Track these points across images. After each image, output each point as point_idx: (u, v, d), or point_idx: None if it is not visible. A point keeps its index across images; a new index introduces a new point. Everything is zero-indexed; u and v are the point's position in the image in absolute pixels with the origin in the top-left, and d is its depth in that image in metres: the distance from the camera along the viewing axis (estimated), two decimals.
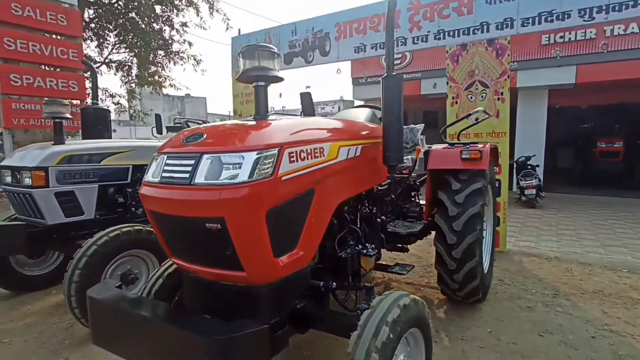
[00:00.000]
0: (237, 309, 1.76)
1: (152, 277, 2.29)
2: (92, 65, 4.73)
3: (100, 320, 1.76)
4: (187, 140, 1.72)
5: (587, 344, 2.78)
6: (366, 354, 1.54)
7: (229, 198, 1.51)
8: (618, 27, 7.94)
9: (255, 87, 1.92)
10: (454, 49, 5.16)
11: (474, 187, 3.06)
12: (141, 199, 1.83)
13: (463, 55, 5.11)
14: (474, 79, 5.08)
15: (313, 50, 6.48)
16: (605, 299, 3.56)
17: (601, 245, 5.38)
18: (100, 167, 3.54)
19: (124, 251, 3.04)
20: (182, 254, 1.83)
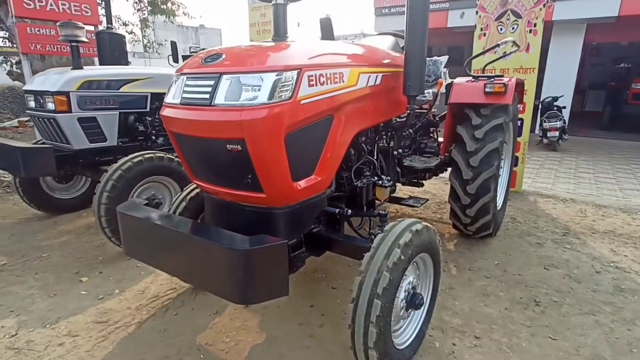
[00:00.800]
0: (256, 230, 1.85)
1: (175, 201, 2.41)
2: None
3: (131, 234, 1.90)
4: (206, 60, 1.70)
5: (591, 278, 2.88)
6: (377, 272, 1.64)
7: (249, 119, 1.53)
8: None
9: (274, 5, 1.84)
10: None
11: (495, 123, 3.00)
12: (163, 121, 1.87)
13: None
14: (506, 7, 4.71)
15: None
16: (616, 238, 3.61)
17: (619, 189, 5.31)
18: (119, 93, 3.56)
19: (147, 177, 3.17)
20: (203, 175, 1.90)
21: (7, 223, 3.98)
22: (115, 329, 2.31)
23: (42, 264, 3.11)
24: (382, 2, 10.68)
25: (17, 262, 3.14)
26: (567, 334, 2.26)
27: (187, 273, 1.70)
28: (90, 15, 5.24)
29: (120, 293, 2.69)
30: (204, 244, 1.53)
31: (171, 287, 2.75)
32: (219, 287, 1.54)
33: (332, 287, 2.73)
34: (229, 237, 1.55)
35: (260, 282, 1.47)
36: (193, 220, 1.98)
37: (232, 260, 1.45)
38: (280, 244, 1.49)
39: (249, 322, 2.36)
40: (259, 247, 1.44)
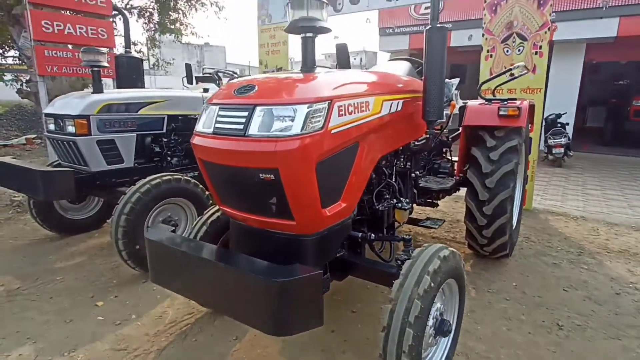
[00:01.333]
0: (284, 257, 1.86)
1: (197, 224, 2.42)
2: (124, 12, 4.62)
3: (159, 261, 1.90)
4: (239, 91, 1.75)
5: (611, 300, 2.86)
6: (408, 300, 1.64)
7: (283, 150, 1.56)
8: None
9: (303, 38, 1.89)
10: None
11: (509, 145, 3.03)
12: (193, 149, 1.90)
13: (502, 5, 4.81)
14: (511, 31, 4.81)
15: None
16: (631, 258, 3.60)
17: (629, 206, 5.32)
18: (137, 116, 3.61)
19: (165, 199, 3.20)
20: (232, 202, 1.92)
21: (19, 244, 3.98)
22: (134, 357, 2.29)
23: (57, 288, 3.10)
24: (386, 22, 10.92)
25: (32, 286, 3.13)
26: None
27: (219, 303, 1.70)
28: (106, 38, 5.34)
29: (137, 318, 2.68)
30: (239, 274, 1.54)
31: (188, 311, 2.74)
32: (253, 318, 1.54)
33: (352, 310, 2.72)
34: (264, 267, 1.55)
35: (296, 313, 1.47)
36: (224, 248, 1.99)
37: (268, 291, 1.45)
38: (316, 273, 1.50)
39: (269, 348, 2.35)
40: (296, 278, 1.45)
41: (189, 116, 4.14)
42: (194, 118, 4.18)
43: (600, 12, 7.81)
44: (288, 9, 1.87)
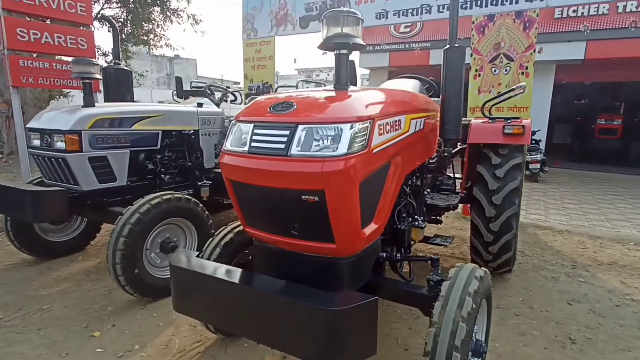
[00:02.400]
0: (319, 281, 1.78)
1: (209, 247, 2.30)
2: (112, 21, 4.41)
3: (186, 289, 1.77)
4: (276, 109, 1.68)
5: (613, 312, 2.96)
6: (453, 323, 1.61)
7: (331, 171, 1.50)
8: (631, 3, 7.89)
9: (336, 55, 1.87)
10: (480, 20, 5.06)
11: (514, 162, 3.12)
12: (222, 169, 1.80)
13: (489, 26, 5.02)
14: (499, 51, 5.03)
15: None
16: (621, 270, 3.76)
17: (606, 220, 5.60)
18: (131, 131, 3.43)
19: (165, 219, 3.04)
20: (264, 224, 1.83)
21: None
22: None
23: (45, 318, 2.84)
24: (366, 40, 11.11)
25: (15, 317, 2.85)
26: None
27: (260, 333, 1.59)
28: (87, 49, 5.10)
29: (141, 349, 2.48)
30: (290, 302, 1.45)
31: (196, 339, 2.58)
32: (303, 348, 1.45)
33: (385, 333, 2.64)
34: (315, 295, 1.47)
35: (352, 342, 1.40)
36: (260, 273, 1.88)
37: (322, 320, 1.38)
38: (372, 300, 1.44)
39: None
40: (355, 305, 1.38)
41: (183, 132, 3.99)
42: (189, 134, 4.04)
43: (569, 35, 8.36)
44: (322, 25, 1.85)
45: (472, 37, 5.15)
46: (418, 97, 2.48)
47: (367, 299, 1.43)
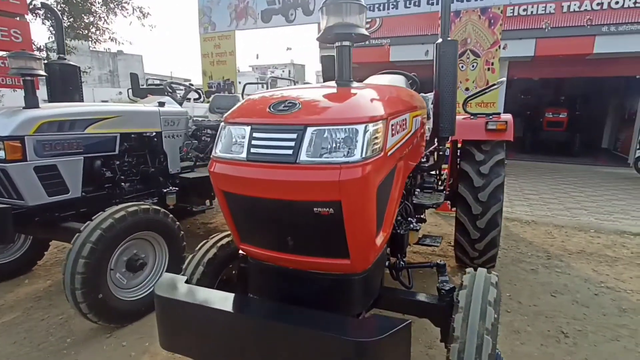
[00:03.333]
0: (329, 302, 1.60)
1: (190, 265, 2.04)
2: (54, 9, 3.84)
3: (176, 322, 1.51)
4: (278, 109, 1.46)
5: (594, 301, 3.04)
6: (478, 337, 1.49)
7: (349, 179, 1.31)
8: (574, 3, 8.41)
9: (338, 47, 1.68)
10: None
11: (497, 158, 3.11)
12: (213, 179, 1.55)
13: (456, 22, 5.05)
14: (465, 47, 5.08)
15: (295, 9, 6.03)
16: (589, 258, 3.92)
17: (565, 209, 5.90)
18: (84, 135, 3.01)
19: (132, 234, 2.68)
20: (263, 241, 1.60)
21: None
22: None
23: None
24: None
25: None
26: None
27: None
28: (21, 42, 4.49)
29: None
30: (312, 335, 1.24)
31: None
32: None
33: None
34: (340, 323, 1.28)
35: None
36: (256, 295, 1.65)
37: (354, 354, 1.19)
38: (406, 324, 1.27)
39: None
40: (388, 334, 1.21)
41: (144, 134, 3.60)
42: (151, 136, 3.66)
43: (521, 33, 8.76)
44: (322, 14, 1.65)
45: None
46: (414, 94, 2.36)
47: (401, 325, 1.26)
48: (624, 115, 11.90)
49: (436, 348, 2.42)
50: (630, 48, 8.37)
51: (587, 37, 8.51)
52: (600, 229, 4.83)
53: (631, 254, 4.02)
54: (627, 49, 8.41)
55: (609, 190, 7.20)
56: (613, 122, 12.91)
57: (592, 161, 10.63)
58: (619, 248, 4.19)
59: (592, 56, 8.96)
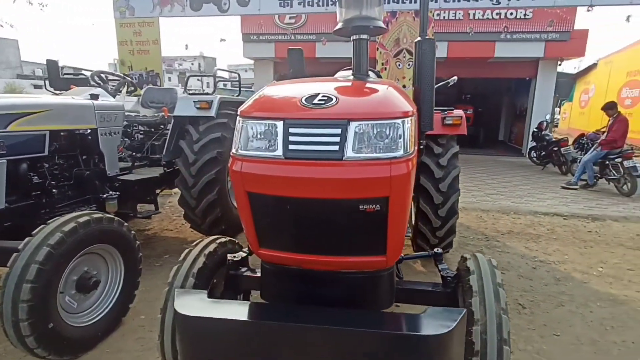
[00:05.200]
0: (357, 299, 1.56)
1: (178, 276, 1.83)
2: None
3: (204, 344, 1.32)
4: (312, 102, 1.36)
5: (534, 274, 3.48)
6: (497, 317, 1.59)
7: (400, 174, 1.29)
8: (478, 12, 9.46)
9: (355, 40, 1.63)
10: (384, 16, 5.28)
11: (453, 151, 3.34)
12: (238, 180, 1.39)
13: (392, 22, 5.30)
14: (401, 47, 5.36)
15: None
16: (519, 237, 4.47)
17: (485, 194, 6.63)
18: (7, 134, 2.47)
19: (85, 248, 2.29)
20: (291, 244, 1.48)
21: None
22: None
23: None
24: (249, 29, 10.65)
25: None
26: (561, 327, 2.65)
27: None
28: None
29: None
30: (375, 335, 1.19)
31: None
32: None
33: None
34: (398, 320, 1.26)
35: None
36: (275, 302, 1.52)
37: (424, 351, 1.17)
38: (464, 314, 1.30)
39: None
40: (454, 327, 1.21)
41: (77, 131, 3.09)
42: (85, 134, 3.16)
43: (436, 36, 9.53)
44: (339, 6, 1.59)
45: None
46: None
47: (460, 314, 1.28)
48: (516, 112, 13.83)
49: None
50: (522, 53, 9.73)
51: (489, 43, 9.65)
52: (518, 211, 5.54)
53: (547, 231, 4.69)
54: (520, 54, 9.76)
55: (514, 177, 8.31)
56: (507, 118, 14.90)
57: (494, 152, 12.15)
58: (537, 227, 4.85)
59: (492, 60, 10.20)
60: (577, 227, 4.87)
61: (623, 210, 5.66)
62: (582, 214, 5.41)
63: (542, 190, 7.03)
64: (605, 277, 3.45)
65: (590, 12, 5.00)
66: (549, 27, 9.28)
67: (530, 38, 9.53)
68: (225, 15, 5.89)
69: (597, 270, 3.59)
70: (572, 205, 5.97)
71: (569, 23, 9.42)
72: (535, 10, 9.12)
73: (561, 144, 8.52)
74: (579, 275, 3.48)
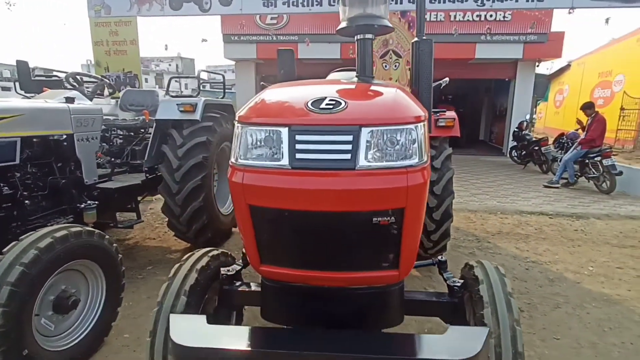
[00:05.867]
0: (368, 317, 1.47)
1: (167, 295, 1.68)
2: None
3: None
4: (319, 107, 1.25)
5: (528, 275, 3.47)
6: (511, 329, 1.53)
7: (416, 184, 1.20)
8: (459, 13, 9.55)
9: (359, 40, 1.54)
10: None
11: (447, 153, 3.30)
12: (238, 192, 1.27)
13: None
14: (388, 48, 5.32)
15: None
16: (508, 237, 4.48)
17: (471, 195, 6.66)
18: None
19: (62, 266, 2.11)
20: (296, 260, 1.37)
21: None
22: None
23: None
24: (229, 29, 10.41)
25: None
26: (561, 330, 2.63)
27: None
28: None
29: None
30: None
31: None
32: None
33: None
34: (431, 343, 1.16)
35: None
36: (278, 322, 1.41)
37: None
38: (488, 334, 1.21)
39: None
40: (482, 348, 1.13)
41: (51, 137, 2.88)
42: (60, 140, 2.96)
43: None
44: (342, 4, 1.49)
45: None
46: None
47: (485, 333, 1.20)
48: (495, 112, 14.08)
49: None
50: (502, 55, 9.89)
51: (470, 44, 9.77)
52: (505, 211, 5.58)
53: (535, 231, 4.73)
54: (500, 55, 9.92)
55: (497, 177, 8.41)
56: (487, 118, 15.17)
57: (476, 152, 12.32)
58: (525, 226, 4.88)
59: (473, 61, 10.33)
60: (563, 226, 4.92)
61: (604, 208, 5.78)
62: (567, 213, 5.49)
63: (525, 189, 7.13)
64: (596, 277, 3.47)
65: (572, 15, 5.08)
66: (531, 29, 9.48)
67: (510, 40, 9.70)
68: (207, 14, 5.70)
69: (588, 270, 3.61)
70: (556, 203, 6.06)
71: (546, 25, 9.64)
72: (514, 13, 9.29)
73: (542, 143, 8.69)
74: (571, 275, 3.50)
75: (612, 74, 12.55)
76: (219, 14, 5.74)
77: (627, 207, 5.83)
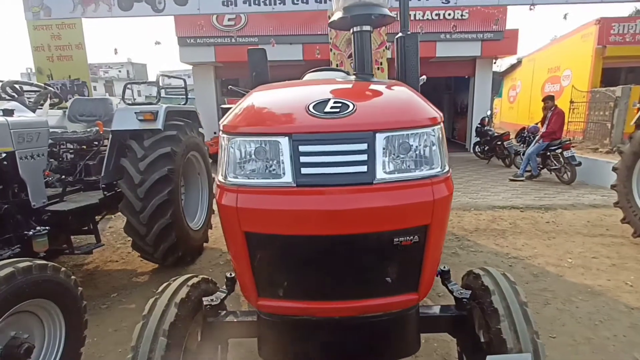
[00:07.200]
0: (384, 347, 1.29)
1: (142, 339, 1.43)
2: None
3: None
4: (322, 111, 1.05)
5: (513, 271, 3.44)
6: (532, 344, 1.41)
7: (441, 197, 1.04)
8: (418, 12, 9.68)
9: (356, 33, 1.36)
10: None
11: None
12: (231, 217, 1.05)
13: None
14: None
15: None
16: (486, 234, 4.49)
17: None
18: None
19: (9, 309, 1.77)
20: (300, 291, 1.17)
21: None
22: None
23: None
24: (184, 32, 9.91)
25: None
26: (555, 328, 2.59)
27: None
28: None
29: None
30: None
31: None
32: None
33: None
34: None
35: None
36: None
37: None
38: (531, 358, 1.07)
39: None
40: None
41: None
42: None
43: None
44: None
45: (330, 33, 5.17)
46: None
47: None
48: (457, 109, 14.45)
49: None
50: (461, 53, 10.12)
51: (430, 43, 9.92)
52: (478, 207, 5.63)
53: (510, 225, 4.78)
54: (459, 54, 10.15)
55: (465, 172, 8.57)
56: (449, 115, 15.55)
57: None
58: (500, 221, 4.93)
59: (434, 59, 10.51)
60: (535, 219, 5.02)
61: (569, 199, 6.00)
62: (536, 205, 5.63)
63: (493, 184, 7.29)
64: (576, 268, 3.52)
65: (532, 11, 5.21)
66: (495, 26, 9.74)
67: (468, 38, 9.95)
68: (160, 15, 5.32)
69: (567, 262, 3.66)
70: (524, 196, 6.22)
71: (501, 23, 9.98)
72: (471, 11, 9.53)
73: (504, 138, 8.96)
74: (553, 269, 3.52)
75: (560, 69, 13.28)
76: (174, 14, 5.37)
77: (589, 197, 6.08)
